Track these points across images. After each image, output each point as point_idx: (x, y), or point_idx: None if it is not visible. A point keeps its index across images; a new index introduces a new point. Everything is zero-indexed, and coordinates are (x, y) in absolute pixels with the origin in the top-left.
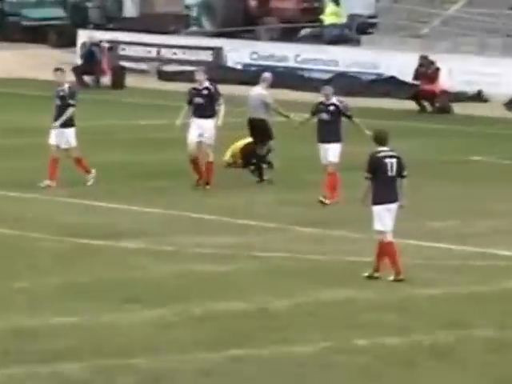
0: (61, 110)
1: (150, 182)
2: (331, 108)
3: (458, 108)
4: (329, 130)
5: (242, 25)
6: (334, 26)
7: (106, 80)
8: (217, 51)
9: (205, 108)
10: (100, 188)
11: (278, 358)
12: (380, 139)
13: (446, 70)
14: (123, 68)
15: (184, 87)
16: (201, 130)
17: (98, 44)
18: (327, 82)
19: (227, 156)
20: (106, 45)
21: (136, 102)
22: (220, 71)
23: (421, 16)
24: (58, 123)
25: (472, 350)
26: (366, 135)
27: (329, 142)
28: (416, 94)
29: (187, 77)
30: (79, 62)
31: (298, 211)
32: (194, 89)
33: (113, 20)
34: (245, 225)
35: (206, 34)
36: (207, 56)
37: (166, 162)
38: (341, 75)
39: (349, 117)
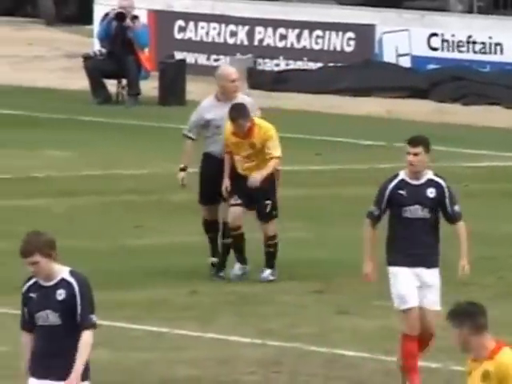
0: None
1: None
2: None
3: None
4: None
5: None
6: None
7: (148, 87)
8: (363, 32)
9: None
10: None
11: None
12: None
13: None
14: (182, 64)
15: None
16: None
17: (122, 15)
18: None
19: None
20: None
21: None
22: (367, 72)
23: None
24: None
25: None
26: None
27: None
28: None
29: (309, 83)
30: (97, 51)
31: None
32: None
33: None
34: None
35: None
36: (345, 43)
37: None
38: None
39: None
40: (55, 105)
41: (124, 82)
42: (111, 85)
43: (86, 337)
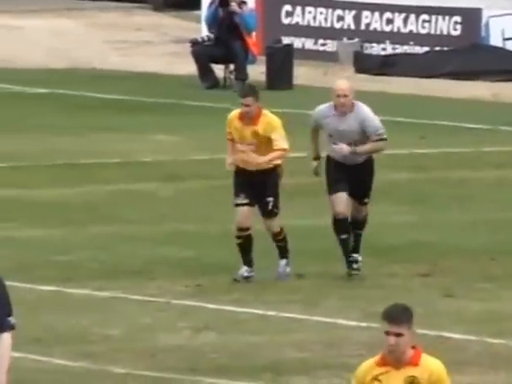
0: None
1: None
2: None
3: None
4: None
5: None
6: None
7: (256, 72)
8: (470, 16)
9: None
10: None
11: None
12: None
13: None
14: (290, 49)
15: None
16: None
17: (225, 1)
18: None
19: None
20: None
21: None
22: (473, 55)
23: None
24: None
25: None
26: None
27: None
28: None
29: (415, 67)
30: (205, 36)
31: None
32: None
33: None
34: None
35: None
36: (451, 27)
37: None
38: None
39: None
40: (163, 90)
41: (231, 66)
42: (219, 69)
43: (6, 340)
